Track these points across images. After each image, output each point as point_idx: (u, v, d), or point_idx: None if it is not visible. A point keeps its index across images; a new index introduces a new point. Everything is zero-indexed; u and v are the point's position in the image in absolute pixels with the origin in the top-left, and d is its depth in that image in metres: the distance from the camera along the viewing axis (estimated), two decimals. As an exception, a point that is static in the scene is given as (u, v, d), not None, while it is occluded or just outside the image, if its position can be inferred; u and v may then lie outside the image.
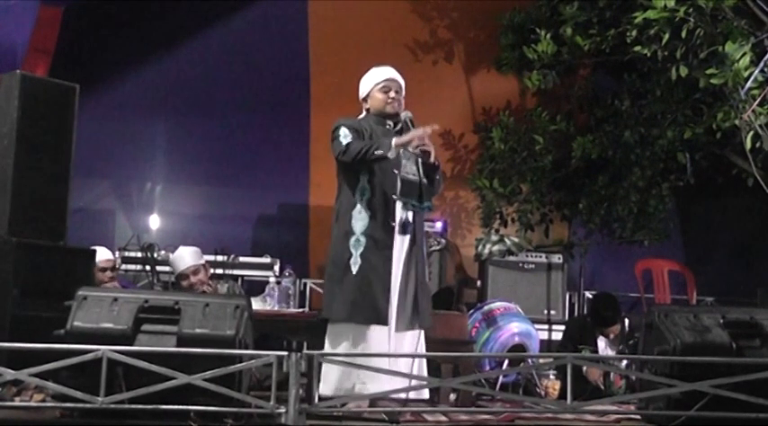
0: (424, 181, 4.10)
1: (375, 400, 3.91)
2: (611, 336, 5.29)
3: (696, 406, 3.46)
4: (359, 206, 4.04)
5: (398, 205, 4.04)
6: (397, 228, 4.03)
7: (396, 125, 4.15)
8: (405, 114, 4.14)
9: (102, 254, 5.15)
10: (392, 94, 4.16)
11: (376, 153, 3.93)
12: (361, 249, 4.00)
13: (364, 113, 4.25)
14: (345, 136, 4.04)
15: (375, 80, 4.20)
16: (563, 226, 7.61)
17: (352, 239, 4.01)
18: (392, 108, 4.16)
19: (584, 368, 4.90)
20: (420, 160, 4.07)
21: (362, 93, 4.25)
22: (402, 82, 4.23)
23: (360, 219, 4.03)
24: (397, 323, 4.00)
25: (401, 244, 4.06)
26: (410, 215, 4.08)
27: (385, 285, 3.98)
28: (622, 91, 7.12)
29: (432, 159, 4.09)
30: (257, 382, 4.35)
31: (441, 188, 4.35)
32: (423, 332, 4.13)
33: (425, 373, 4.14)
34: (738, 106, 5.72)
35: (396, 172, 4.04)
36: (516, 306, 5.61)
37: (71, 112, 4.44)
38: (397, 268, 4.03)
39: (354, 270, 3.98)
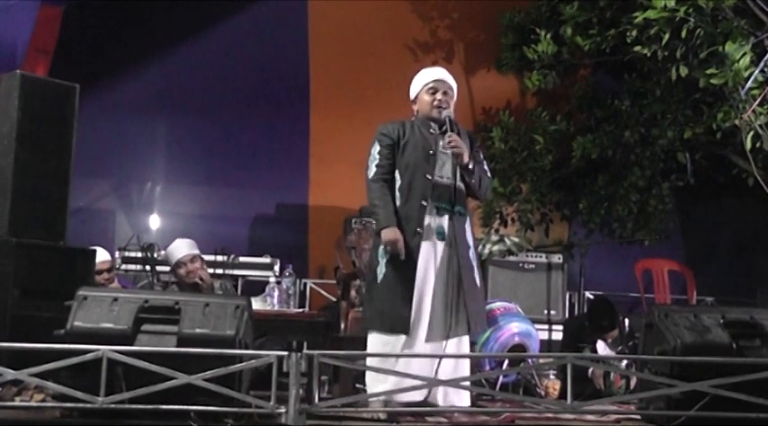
0: (460, 184, 4.02)
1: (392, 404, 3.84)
2: (609, 340, 5.29)
3: (696, 406, 3.46)
4: None
5: (431, 210, 3.96)
6: (433, 235, 3.95)
7: (441, 128, 4.06)
8: (446, 112, 4.06)
9: (98, 256, 5.03)
10: (439, 96, 4.08)
11: (376, 217, 3.95)
12: (387, 257, 3.95)
13: (415, 114, 4.19)
14: (374, 159, 4.02)
15: (423, 81, 4.15)
16: (563, 226, 7.60)
17: (381, 247, 3.97)
18: (438, 112, 4.06)
19: (590, 370, 4.90)
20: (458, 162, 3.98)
21: (412, 94, 4.19)
22: (452, 83, 4.15)
23: None
24: (430, 333, 3.88)
25: (434, 252, 3.96)
26: (445, 221, 3.98)
27: (408, 293, 3.89)
28: (622, 91, 7.12)
29: (465, 161, 3.97)
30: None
31: (487, 191, 4.24)
32: (465, 338, 3.98)
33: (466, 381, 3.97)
34: (738, 106, 5.72)
35: (429, 177, 3.98)
36: (516, 305, 5.60)
37: (71, 112, 4.43)
38: (427, 276, 3.93)
39: (380, 278, 3.97)
